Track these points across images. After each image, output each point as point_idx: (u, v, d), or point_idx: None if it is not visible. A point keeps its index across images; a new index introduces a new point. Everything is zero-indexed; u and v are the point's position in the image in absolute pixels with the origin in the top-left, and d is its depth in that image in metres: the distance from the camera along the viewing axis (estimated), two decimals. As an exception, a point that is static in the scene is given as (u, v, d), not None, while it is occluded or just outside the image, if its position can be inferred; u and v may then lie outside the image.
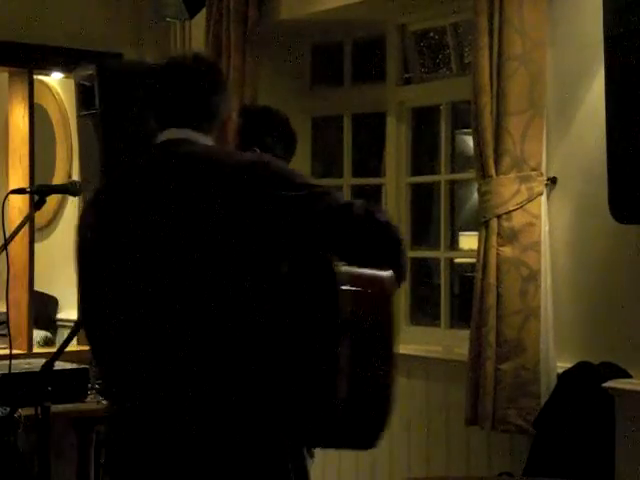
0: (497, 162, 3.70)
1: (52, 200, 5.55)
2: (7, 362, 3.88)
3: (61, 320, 6.03)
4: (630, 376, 3.40)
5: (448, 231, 4.54)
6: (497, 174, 3.69)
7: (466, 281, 4.59)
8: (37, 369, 2.92)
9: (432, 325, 4.63)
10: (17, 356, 4.77)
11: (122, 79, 4.53)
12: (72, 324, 5.36)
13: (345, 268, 2.17)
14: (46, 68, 5.47)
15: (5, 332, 4.58)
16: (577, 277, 3.66)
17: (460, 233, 4.95)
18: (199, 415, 2.18)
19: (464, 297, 4.51)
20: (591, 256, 3.61)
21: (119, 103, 4.50)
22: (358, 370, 2.11)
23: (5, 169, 5.63)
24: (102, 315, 2.30)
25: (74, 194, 4.09)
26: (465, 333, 3.92)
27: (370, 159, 5.23)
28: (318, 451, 4.10)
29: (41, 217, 6.04)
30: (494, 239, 3.68)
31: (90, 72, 4.52)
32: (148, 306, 2.23)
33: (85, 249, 2.36)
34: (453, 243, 4.73)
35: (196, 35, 5.20)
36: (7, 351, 3.91)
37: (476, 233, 3.87)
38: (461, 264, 4.86)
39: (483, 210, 3.73)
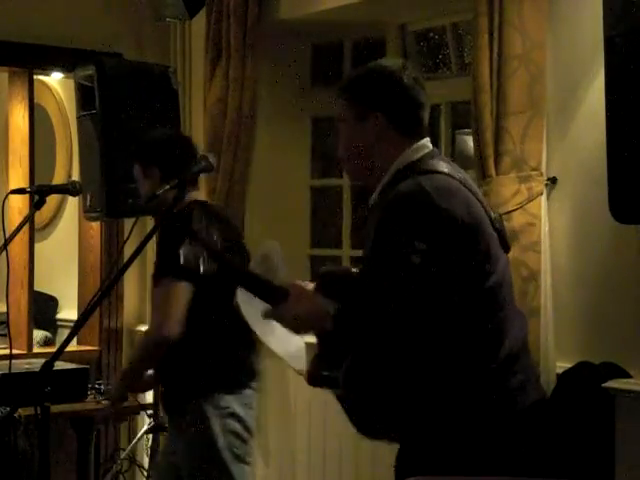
0: (497, 162, 3.70)
1: (52, 200, 5.57)
2: (7, 362, 3.88)
3: (61, 320, 6.04)
4: (630, 376, 3.40)
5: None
6: (497, 174, 3.69)
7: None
8: (37, 369, 2.92)
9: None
10: (17, 356, 4.78)
11: (122, 79, 4.53)
12: (72, 324, 5.37)
13: None
14: (46, 68, 5.47)
15: (5, 332, 4.58)
16: (577, 277, 3.66)
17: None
18: None
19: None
20: (591, 256, 3.61)
21: (119, 103, 4.50)
22: None
23: (5, 169, 5.63)
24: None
25: (74, 194, 4.10)
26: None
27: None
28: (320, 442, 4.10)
29: (41, 217, 6.04)
30: (494, 239, 3.68)
31: (90, 72, 4.53)
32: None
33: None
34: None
35: (196, 35, 5.21)
36: (7, 351, 3.92)
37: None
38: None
39: (483, 210, 3.72)
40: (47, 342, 5.77)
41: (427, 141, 2.72)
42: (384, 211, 2.55)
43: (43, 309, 5.95)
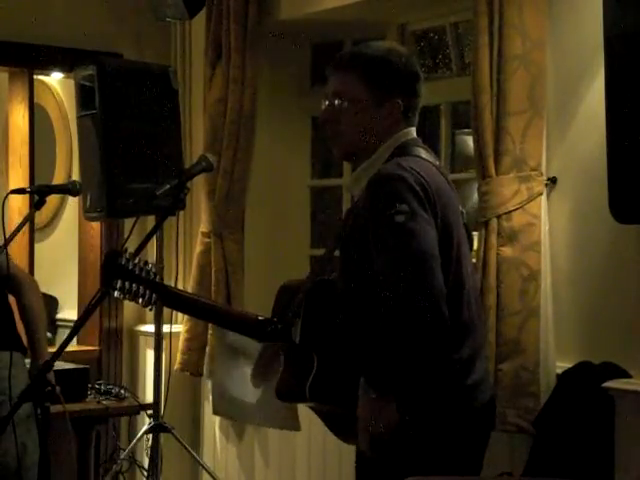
0: (497, 162, 3.70)
1: (52, 200, 5.56)
2: (7, 362, 3.88)
3: (61, 320, 6.03)
4: (630, 376, 3.40)
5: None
6: (497, 174, 3.69)
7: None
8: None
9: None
10: (17, 356, 4.77)
11: (122, 79, 4.53)
12: (72, 324, 5.36)
13: None
14: (46, 68, 5.46)
15: (5, 332, 4.56)
16: (577, 277, 3.66)
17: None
18: None
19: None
20: (591, 256, 3.61)
21: (119, 103, 4.50)
22: None
23: (5, 169, 5.63)
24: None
25: (74, 194, 4.10)
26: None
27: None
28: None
29: (41, 217, 6.04)
30: (494, 239, 3.68)
31: (90, 72, 4.53)
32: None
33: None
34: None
35: (196, 35, 5.21)
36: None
37: (476, 233, 3.87)
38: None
39: (483, 210, 3.73)
40: (47, 342, 5.75)
41: (413, 130, 2.78)
42: (366, 190, 2.61)
43: (43, 309, 5.93)
